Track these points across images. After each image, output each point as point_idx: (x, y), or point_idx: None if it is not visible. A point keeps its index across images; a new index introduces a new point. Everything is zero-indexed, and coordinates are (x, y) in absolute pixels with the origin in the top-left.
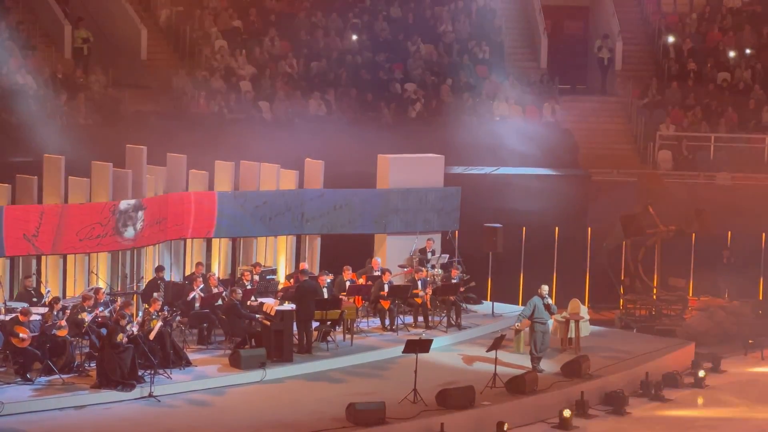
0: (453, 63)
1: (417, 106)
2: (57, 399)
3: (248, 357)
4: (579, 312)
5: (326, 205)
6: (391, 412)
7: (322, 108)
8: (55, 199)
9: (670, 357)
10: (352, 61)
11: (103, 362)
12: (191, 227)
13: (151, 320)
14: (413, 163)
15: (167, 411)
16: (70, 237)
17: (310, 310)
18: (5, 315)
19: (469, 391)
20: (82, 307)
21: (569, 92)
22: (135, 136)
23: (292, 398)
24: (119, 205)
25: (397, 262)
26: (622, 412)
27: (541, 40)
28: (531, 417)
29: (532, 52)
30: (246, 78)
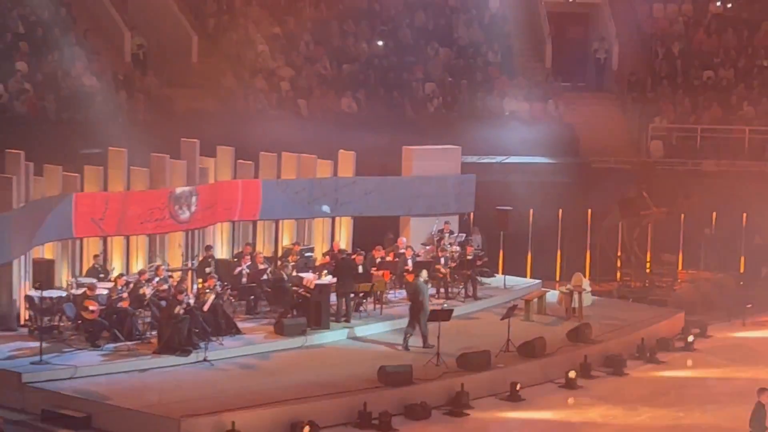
0: (468, 64)
1: (435, 102)
2: (123, 363)
3: (291, 325)
4: (581, 284)
5: (357, 191)
6: (418, 373)
7: (353, 105)
8: (119, 187)
9: (662, 324)
10: (379, 63)
11: (163, 331)
12: (239, 211)
13: (206, 294)
14: (433, 153)
15: (220, 373)
16: (132, 220)
17: (349, 283)
18: (77, 289)
19: (485, 355)
20: (141, 282)
21: (571, 90)
22: (188, 131)
23: (329, 361)
24: (175, 191)
25: (420, 241)
26: (621, 373)
27: (546, 43)
28: (540, 378)
29: (538, 54)
30: (285, 79)
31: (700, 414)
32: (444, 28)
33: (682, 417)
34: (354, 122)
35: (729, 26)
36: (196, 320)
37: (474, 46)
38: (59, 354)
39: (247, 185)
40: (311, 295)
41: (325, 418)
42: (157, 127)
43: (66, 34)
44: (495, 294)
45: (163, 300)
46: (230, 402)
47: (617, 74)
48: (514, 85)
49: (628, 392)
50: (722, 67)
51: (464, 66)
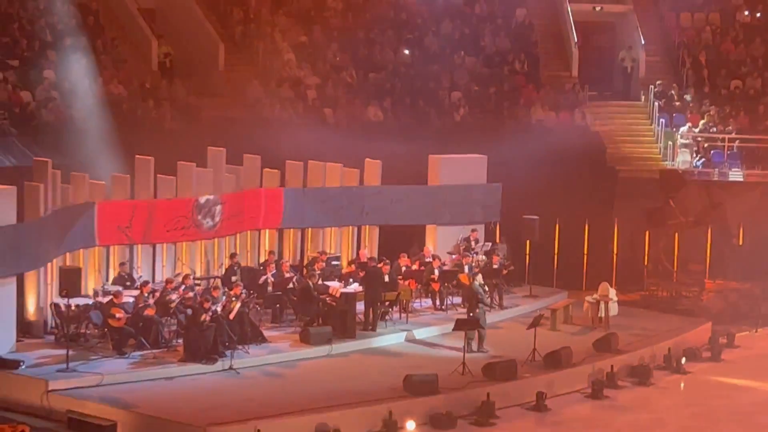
0: (494, 73)
1: (461, 111)
2: (149, 371)
3: (316, 334)
4: (608, 294)
5: (384, 200)
6: (443, 383)
7: (379, 114)
8: (146, 195)
9: (689, 334)
10: (405, 72)
11: (189, 339)
12: (262, 219)
13: (231, 302)
14: (460, 162)
15: (245, 382)
16: (158, 228)
17: (377, 292)
18: (103, 297)
19: (511, 365)
20: (167, 290)
21: (597, 98)
22: (215, 139)
23: (355, 370)
24: (199, 199)
25: (446, 250)
26: (647, 383)
27: (573, 52)
28: (566, 387)
29: (565, 63)
30: (312, 87)
31: (727, 425)
32: (470, 36)
33: (710, 428)
34: (380, 131)
35: (757, 35)
36: (222, 328)
37: (500, 55)
38: (85, 362)
39: (270, 194)
40: (337, 304)
41: (350, 426)
42: (184, 135)
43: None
44: (521, 303)
45: (189, 308)
46: (256, 410)
47: (644, 83)
48: (540, 94)
49: (655, 403)
50: (750, 76)
51: (491, 75)
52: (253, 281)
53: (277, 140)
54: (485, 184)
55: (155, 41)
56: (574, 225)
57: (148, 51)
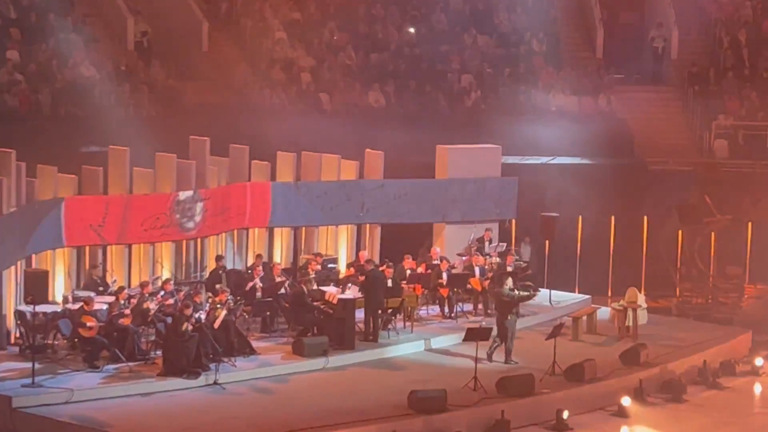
0: (509, 54)
1: (473, 96)
2: (124, 386)
3: (311, 345)
4: (636, 300)
5: (386, 195)
6: (452, 399)
7: (381, 99)
8: (121, 189)
9: (727, 345)
10: (411, 53)
11: (168, 350)
12: (247, 217)
13: (216, 309)
14: (471, 153)
15: (232, 398)
16: (134, 227)
17: (379, 299)
18: (73, 303)
19: (528, 379)
20: (144, 296)
21: (624, 82)
22: (198, 128)
23: (354, 386)
24: (178, 197)
25: (455, 251)
26: (680, 399)
27: (597, 30)
28: (590, 405)
29: (588, 42)
30: (306, 70)
31: None
32: (483, 13)
33: None
34: (382, 118)
35: None
36: (206, 338)
37: (517, 34)
38: (53, 376)
39: (255, 188)
40: (334, 311)
41: None
42: (163, 123)
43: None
44: (539, 311)
45: (169, 316)
46: (243, 430)
47: (677, 65)
48: (561, 77)
49: (688, 421)
50: None
51: (505, 56)
52: (240, 286)
53: (267, 129)
54: (499, 177)
55: (131, 18)
56: (599, 223)
57: (124, 29)
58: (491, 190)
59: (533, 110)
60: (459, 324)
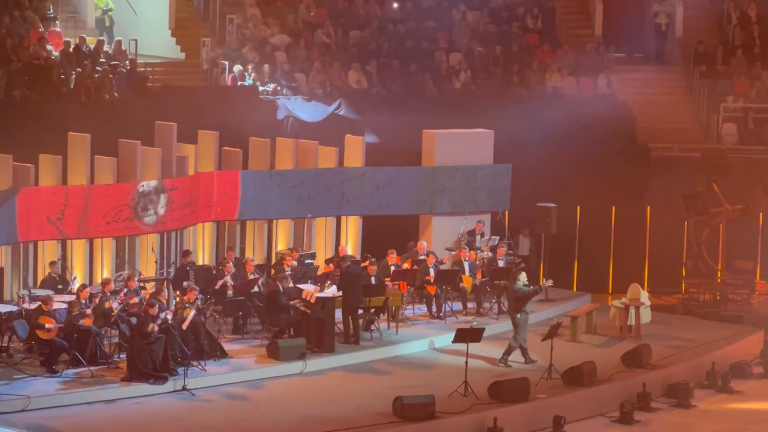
0: (501, 31)
1: (462, 77)
2: (85, 393)
3: (287, 347)
4: (639, 297)
5: (368, 185)
6: (441, 405)
7: (363, 80)
8: (81, 179)
9: (737, 345)
10: (394, 29)
11: (133, 354)
12: (214, 209)
13: (185, 309)
14: (460, 138)
15: (202, 405)
16: (96, 220)
17: (358, 297)
18: (29, 303)
19: (523, 383)
20: (106, 295)
21: (626, 61)
22: (164, 112)
23: (334, 391)
24: (138, 187)
25: (444, 245)
26: (687, 405)
27: (596, 5)
28: (589, 410)
29: (586, 18)
30: (280, 48)
31: None
32: None
33: None
34: (363, 101)
35: None
36: (173, 341)
37: (509, 9)
38: (8, 382)
39: (223, 177)
40: (312, 311)
41: None
42: (127, 107)
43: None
44: (534, 309)
45: (134, 316)
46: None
47: (681, 43)
48: (557, 56)
49: (696, 428)
50: None
51: (497, 33)
52: (210, 284)
53: (239, 113)
54: (492, 164)
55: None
56: (599, 214)
57: (85, 6)
58: (483, 178)
59: (527, 92)
60: (447, 324)
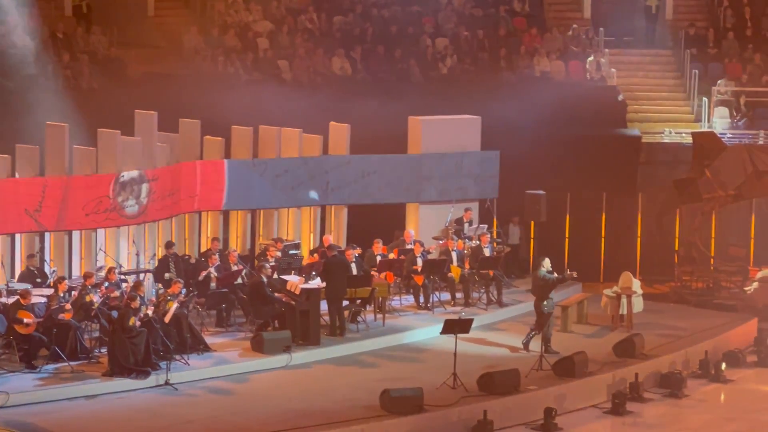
0: (488, 15)
1: (448, 62)
2: (66, 388)
3: (272, 340)
4: (631, 286)
5: (353, 173)
6: (429, 398)
7: (347, 67)
8: (59, 170)
9: (730, 334)
10: (379, 14)
11: (114, 348)
12: (198, 199)
13: (167, 302)
14: (447, 125)
15: (185, 400)
16: (75, 212)
17: (341, 287)
18: (7, 297)
19: (513, 375)
20: (87, 288)
21: (615, 45)
22: (144, 101)
23: (320, 385)
24: (119, 177)
25: (431, 234)
26: (679, 394)
27: None
28: (581, 401)
29: (575, 1)
30: (263, 35)
31: None
32: None
33: None
34: (348, 88)
35: None
36: (156, 334)
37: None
38: None
39: (208, 167)
40: (297, 303)
41: None
42: (106, 96)
43: None
44: (524, 299)
45: (115, 310)
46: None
47: (672, 25)
48: (545, 40)
49: (689, 418)
50: None
51: (484, 17)
52: (192, 276)
53: (221, 101)
54: (479, 151)
55: None
56: (589, 201)
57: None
58: (470, 165)
59: (515, 77)
60: (435, 315)
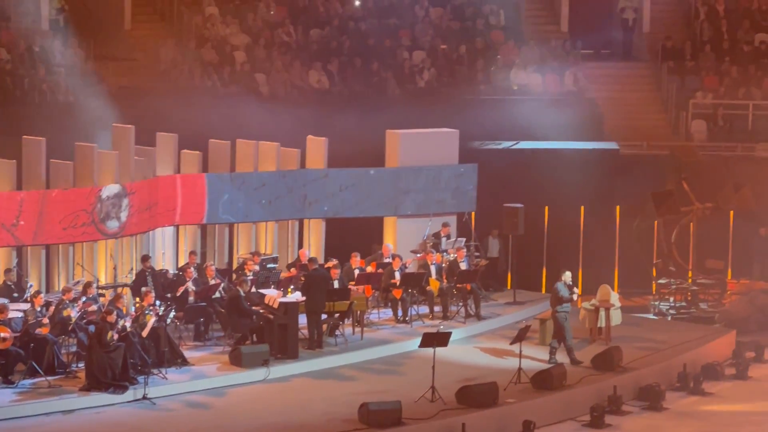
0: (466, 28)
1: (425, 75)
2: (43, 403)
3: (250, 354)
4: (609, 299)
5: (331, 187)
6: (408, 411)
7: (324, 80)
8: (36, 184)
9: (709, 346)
10: (356, 27)
11: (92, 362)
12: (179, 213)
13: (144, 315)
14: (425, 138)
15: (163, 415)
16: (52, 226)
17: (321, 301)
18: None
19: (491, 388)
20: (65, 302)
21: (593, 58)
22: (121, 114)
23: (298, 398)
24: (101, 194)
25: (408, 248)
26: (658, 407)
27: (562, 0)
28: (559, 415)
29: (552, 14)
30: (240, 48)
31: None
32: None
33: None
34: (325, 101)
35: None
36: (133, 348)
37: (473, 5)
38: None
39: (188, 181)
40: (275, 317)
41: None
42: (83, 109)
43: None
44: (502, 312)
45: (92, 324)
46: None
47: (649, 38)
48: (523, 52)
49: (668, 431)
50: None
51: (461, 30)
52: (168, 289)
53: (198, 115)
54: (457, 165)
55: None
56: (567, 214)
57: (37, 6)
58: (448, 179)
59: (493, 90)
60: (413, 329)
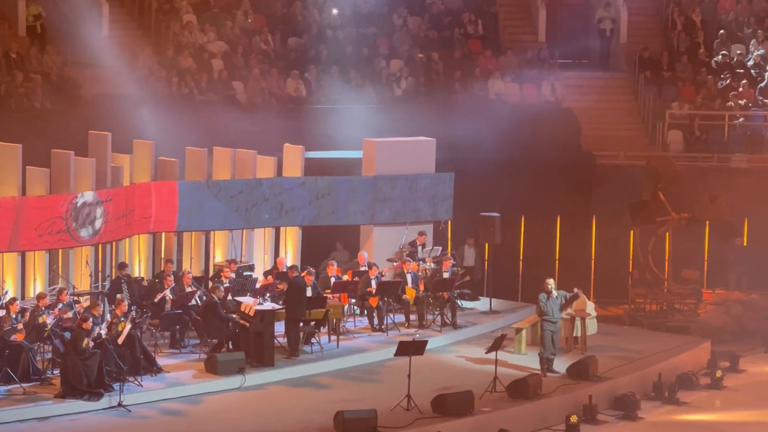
0: (443, 37)
1: (403, 84)
2: (17, 410)
3: (226, 362)
4: (584, 308)
5: (307, 195)
6: (383, 420)
7: (302, 88)
8: (12, 191)
9: (684, 356)
10: (334, 36)
11: (67, 369)
12: (153, 220)
13: (119, 323)
14: (402, 147)
15: (138, 422)
16: (28, 233)
17: (302, 309)
18: None
19: (467, 397)
20: (40, 309)
21: (570, 68)
22: (98, 121)
23: (274, 406)
24: (75, 202)
25: (385, 256)
26: (633, 416)
27: (540, 10)
28: (535, 423)
29: (529, 24)
30: (217, 56)
31: None
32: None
33: None
34: (302, 109)
35: None
36: (109, 356)
37: (451, 15)
38: None
39: (160, 188)
40: (251, 325)
41: None
42: (60, 116)
43: None
44: (478, 321)
45: (68, 331)
46: None
47: (626, 49)
48: (500, 62)
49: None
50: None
51: (439, 39)
52: (145, 297)
53: (175, 122)
54: (433, 173)
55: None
56: (543, 223)
57: (14, 12)
58: (425, 187)
59: (470, 99)
60: (389, 337)
